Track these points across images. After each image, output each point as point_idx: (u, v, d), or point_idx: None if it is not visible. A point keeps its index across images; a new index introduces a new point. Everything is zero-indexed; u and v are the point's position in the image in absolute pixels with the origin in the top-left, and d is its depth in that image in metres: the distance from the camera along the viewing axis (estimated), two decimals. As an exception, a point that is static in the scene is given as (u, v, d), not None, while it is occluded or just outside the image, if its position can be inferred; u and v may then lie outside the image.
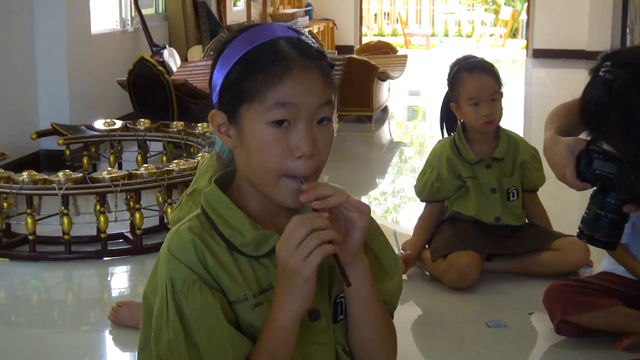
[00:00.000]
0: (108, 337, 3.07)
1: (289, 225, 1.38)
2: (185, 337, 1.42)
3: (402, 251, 3.69)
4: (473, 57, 3.63)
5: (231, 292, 1.45)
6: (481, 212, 3.57)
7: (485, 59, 3.67)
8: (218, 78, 1.47)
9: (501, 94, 3.50)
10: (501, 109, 3.52)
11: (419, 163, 6.29)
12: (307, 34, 1.50)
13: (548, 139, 2.40)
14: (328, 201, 1.41)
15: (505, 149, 3.57)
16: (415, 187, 3.71)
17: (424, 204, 3.72)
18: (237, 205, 1.49)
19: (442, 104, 3.67)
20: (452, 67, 3.58)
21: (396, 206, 5.12)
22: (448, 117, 3.67)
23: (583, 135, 2.32)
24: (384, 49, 9.14)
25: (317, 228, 1.36)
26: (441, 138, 3.71)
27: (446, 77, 3.61)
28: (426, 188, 3.60)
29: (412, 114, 9.05)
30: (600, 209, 2.27)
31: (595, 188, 2.29)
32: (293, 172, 1.42)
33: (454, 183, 3.57)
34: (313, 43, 1.47)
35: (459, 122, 3.61)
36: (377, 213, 4.77)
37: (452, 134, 3.66)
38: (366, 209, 1.45)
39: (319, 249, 1.35)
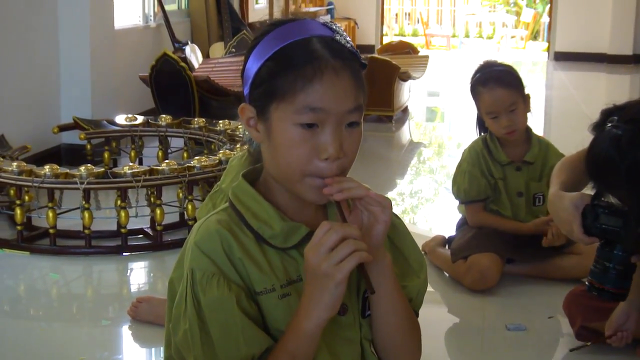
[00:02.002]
0: (127, 333, 3.07)
1: (318, 230, 1.39)
2: (200, 328, 1.43)
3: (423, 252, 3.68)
4: (492, 64, 3.59)
5: (258, 283, 1.45)
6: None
7: (505, 63, 3.65)
8: (250, 72, 1.47)
9: (524, 99, 3.47)
10: (525, 114, 3.49)
11: (438, 164, 6.29)
12: (341, 31, 1.49)
13: (553, 195, 2.49)
14: (350, 191, 1.41)
15: (536, 153, 3.55)
16: (452, 189, 3.69)
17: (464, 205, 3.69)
18: (264, 198, 1.50)
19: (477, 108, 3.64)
20: (473, 75, 3.57)
21: (414, 207, 5.11)
22: (481, 121, 3.65)
23: (587, 190, 2.41)
24: (406, 49, 9.11)
25: (349, 235, 1.37)
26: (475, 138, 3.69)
27: (468, 83, 3.59)
28: (461, 190, 3.59)
29: (431, 114, 9.03)
30: (608, 261, 2.37)
31: (602, 241, 2.38)
32: (318, 173, 1.42)
33: (489, 182, 3.55)
34: (346, 42, 1.47)
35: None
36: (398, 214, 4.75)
37: (485, 133, 3.63)
38: (388, 202, 1.46)
39: (354, 254, 1.36)
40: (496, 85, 3.44)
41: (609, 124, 2.18)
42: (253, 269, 1.45)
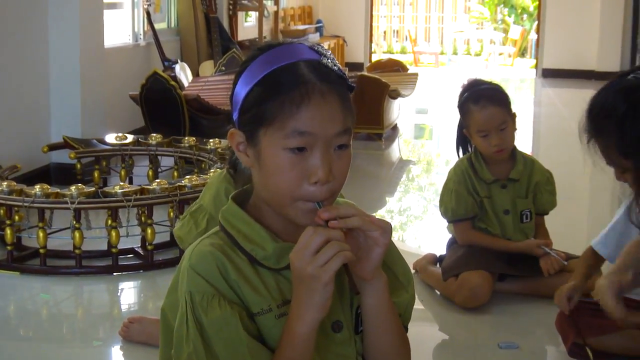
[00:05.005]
0: (119, 353, 3.07)
1: (303, 235, 1.41)
2: (205, 349, 1.43)
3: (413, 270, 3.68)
4: (480, 82, 3.60)
5: (255, 304, 1.46)
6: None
7: (493, 81, 3.67)
8: (238, 97, 1.48)
9: (512, 118, 3.48)
10: (513, 133, 3.50)
11: (428, 181, 6.30)
12: (328, 54, 1.50)
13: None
14: (346, 222, 1.42)
15: (521, 170, 3.56)
16: (440, 209, 3.69)
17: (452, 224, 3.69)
18: (255, 220, 1.51)
19: (457, 127, 3.66)
20: (461, 94, 3.57)
21: (403, 224, 5.12)
22: (463, 140, 3.67)
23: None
24: (395, 66, 9.14)
25: (333, 238, 1.39)
26: (458, 158, 3.70)
27: (456, 101, 3.60)
28: (449, 210, 3.59)
29: (420, 132, 9.05)
30: None
31: None
32: (308, 197, 1.43)
33: (475, 200, 3.55)
34: (334, 65, 1.48)
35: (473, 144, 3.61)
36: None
37: (468, 152, 3.65)
38: (388, 227, 1.47)
39: (338, 255, 1.38)
40: (488, 103, 3.44)
41: (632, 75, 2.20)
42: (249, 290, 1.46)
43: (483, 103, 3.44)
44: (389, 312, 1.54)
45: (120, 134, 5.22)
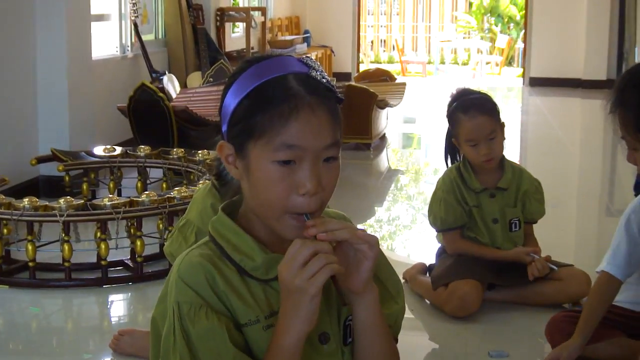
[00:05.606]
0: (109, 366, 3.06)
1: (291, 247, 1.41)
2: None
3: (402, 279, 3.69)
4: (469, 92, 3.60)
5: (242, 315, 1.46)
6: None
7: (482, 90, 3.68)
8: (227, 110, 1.49)
9: (501, 127, 3.49)
10: (502, 143, 3.51)
11: (417, 191, 6.32)
12: (317, 67, 1.51)
13: None
14: (334, 234, 1.43)
15: (510, 179, 3.57)
16: (429, 218, 3.69)
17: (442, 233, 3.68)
18: (244, 231, 1.51)
19: (446, 136, 3.67)
20: (450, 103, 3.58)
21: (392, 234, 5.13)
22: (451, 149, 3.68)
23: None
24: (383, 76, 9.16)
25: (321, 250, 1.39)
26: (447, 167, 3.71)
27: (445, 111, 3.60)
28: (438, 219, 3.59)
29: (408, 141, 9.07)
30: None
31: None
32: (297, 208, 1.44)
33: (464, 209, 3.56)
34: (322, 78, 1.48)
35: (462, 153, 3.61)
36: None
37: (457, 161, 3.66)
38: (375, 240, 1.47)
39: (325, 267, 1.38)
40: (478, 112, 3.45)
41: None
42: (237, 301, 1.46)
43: (472, 113, 3.45)
44: (380, 324, 1.54)
45: (108, 146, 5.21)
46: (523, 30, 15.18)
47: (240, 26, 10.94)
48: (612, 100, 2.34)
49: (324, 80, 1.48)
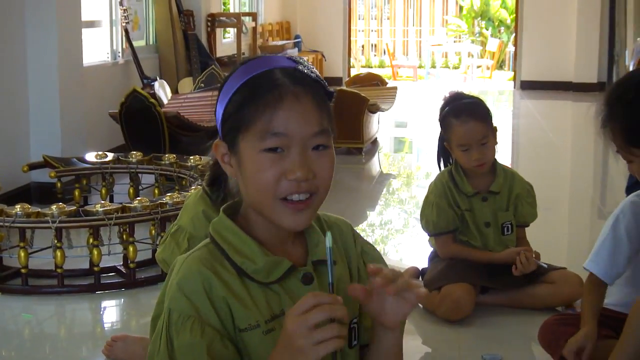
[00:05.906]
0: (102, 372, 3.05)
1: (305, 299, 1.34)
2: None
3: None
4: (462, 96, 3.60)
5: (243, 319, 1.46)
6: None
7: (473, 94, 3.69)
8: (220, 110, 1.52)
9: (493, 132, 3.50)
10: (494, 147, 3.51)
11: (409, 195, 6.32)
12: (305, 63, 1.53)
13: None
14: (389, 288, 1.40)
15: (501, 183, 3.57)
16: (421, 222, 3.69)
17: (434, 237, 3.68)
18: (245, 233, 1.51)
19: (438, 140, 3.68)
20: (442, 107, 3.58)
21: (384, 238, 5.13)
22: (444, 153, 3.68)
23: None
24: (374, 80, 9.16)
25: (337, 318, 1.33)
26: (439, 171, 3.71)
27: (437, 115, 3.61)
28: (430, 223, 3.59)
29: (400, 145, 9.08)
30: None
31: None
32: (286, 191, 1.45)
33: (456, 213, 3.56)
34: (310, 72, 1.50)
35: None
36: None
37: (449, 165, 3.67)
38: (424, 292, 1.45)
39: (334, 341, 1.32)
40: (469, 117, 3.45)
41: None
42: (237, 305, 1.45)
43: (464, 117, 3.46)
44: (400, 353, 1.55)
45: (100, 152, 5.21)
46: (514, 34, 15.22)
47: (231, 31, 10.94)
48: (603, 115, 2.35)
49: (312, 75, 1.50)
